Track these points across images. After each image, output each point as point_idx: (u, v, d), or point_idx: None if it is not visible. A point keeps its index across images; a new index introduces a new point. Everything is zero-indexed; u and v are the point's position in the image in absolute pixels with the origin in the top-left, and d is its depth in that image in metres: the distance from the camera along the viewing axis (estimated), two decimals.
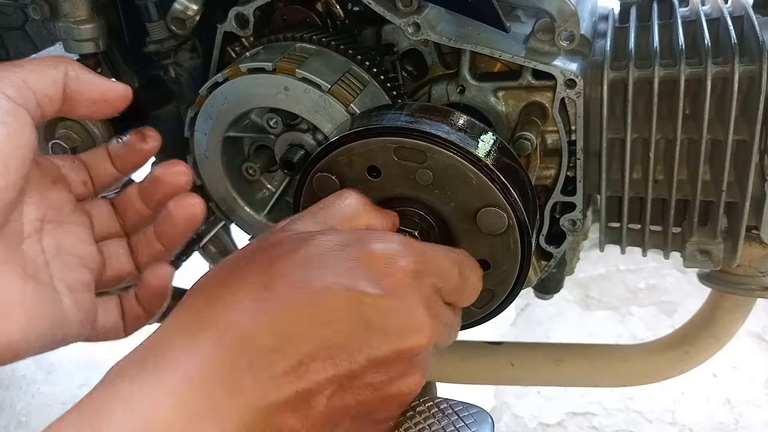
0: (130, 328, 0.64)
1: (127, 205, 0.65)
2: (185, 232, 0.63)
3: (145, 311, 0.63)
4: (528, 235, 0.62)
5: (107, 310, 0.63)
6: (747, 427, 1.63)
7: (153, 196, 0.63)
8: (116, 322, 0.63)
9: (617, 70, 0.73)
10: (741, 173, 0.74)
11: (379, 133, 0.62)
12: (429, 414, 0.54)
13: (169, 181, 0.62)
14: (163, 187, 0.63)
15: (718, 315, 0.93)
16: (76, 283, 0.59)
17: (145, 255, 0.64)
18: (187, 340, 0.47)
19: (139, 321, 0.64)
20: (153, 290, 0.62)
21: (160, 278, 0.62)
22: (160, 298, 0.63)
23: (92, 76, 0.59)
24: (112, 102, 0.60)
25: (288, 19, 0.80)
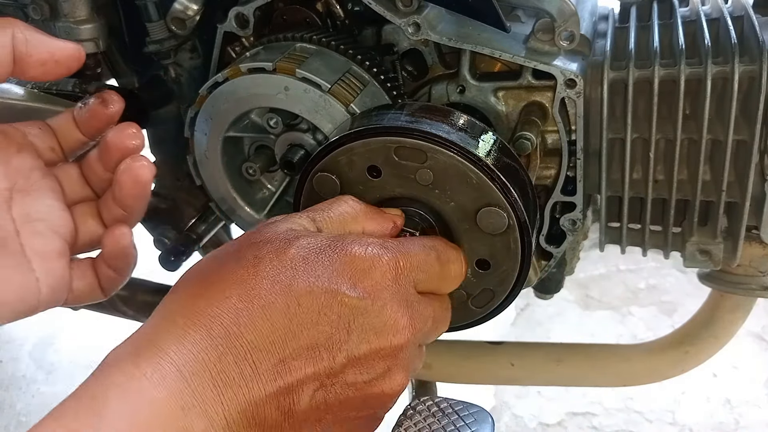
0: (108, 290, 0.64)
1: (90, 169, 0.65)
2: (138, 195, 0.62)
3: (115, 272, 0.63)
4: (528, 234, 0.62)
5: (82, 275, 0.63)
6: (747, 427, 1.63)
7: (109, 160, 0.63)
8: (92, 284, 0.63)
9: (617, 70, 0.73)
10: (741, 173, 0.74)
11: (380, 132, 0.62)
12: (429, 413, 0.55)
13: (118, 146, 0.62)
14: (115, 151, 0.62)
15: (718, 315, 0.93)
16: (48, 250, 0.60)
17: (108, 219, 0.64)
18: (177, 333, 0.48)
19: (114, 282, 0.64)
20: (112, 252, 0.62)
21: (115, 240, 0.62)
22: (123, 259, 0.62)
23: (42, 37, 0.58)
24: (63, 62, 0.59)
25: (288, 19, 0.80)
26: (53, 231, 0.61)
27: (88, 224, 0.64)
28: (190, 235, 0.95)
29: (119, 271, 0.63)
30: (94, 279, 0.63)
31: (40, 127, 0.64)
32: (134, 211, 0.63)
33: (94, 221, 0.64)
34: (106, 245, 0.62)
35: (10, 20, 0.58)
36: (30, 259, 0.58)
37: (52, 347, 1.92)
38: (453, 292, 0.68)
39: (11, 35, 0.57)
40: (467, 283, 0.66)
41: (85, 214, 0.64)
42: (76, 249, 0.63)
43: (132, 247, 0.62)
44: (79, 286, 0.62)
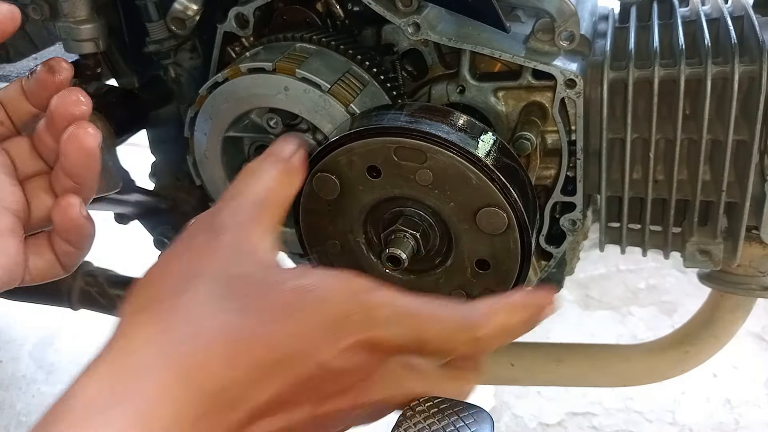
0: (68, 265, 0.61)
1: (39, 141, 0.61)
2: (85, 165, 0.58)
3: (72, 246, 0.60)
4: (528, 235, 0.62)
5: (37, 251, 0.60)
6: (747, 427, 1.63)
7: (56, 129, 0.59)
8: (50, 260, 0.60)
9: (617, 70, 0.73)
10: (741, 173, 0.74)
11: (379, 133, 0.62)
12: (429, 414, 0.54)
13: (62, 113, 0.58)
14: (60, 119, 0.58)
15: (718, 315, 0.93)
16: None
17: (60, 191, 0.60)
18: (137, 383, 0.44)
19: (73, 257, 0.61)
20: (63, 225, 0.59)
21: (62, 212, 0.58)
22: (75, 231, 0.59)
23: None
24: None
25: (288, 19, 0.80)
26: (4, 208, 0.58)
27: (40, 198, 0.61)
28: None
29: (75, 244, 0.60)
30: (52, 255, 0.60)
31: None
32: (85, 181, 0.59)
33: (46, 195, 0.61)
34: (56, 218, 0.59)
35: None
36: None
37: (52, 347, 1.91)
38: (453, 293, 0.68)
39: None
40: (467, 283, 0.66)
41: (37, 188, 0.61)
42: (30, 226, 0.60)
43: (83, 217, 0.58)
44: (36, 264, 0.60)
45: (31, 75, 0.60)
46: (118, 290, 1.09)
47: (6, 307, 1.87)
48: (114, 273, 1.12)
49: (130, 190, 0.99)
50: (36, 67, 0.60)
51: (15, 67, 1.12)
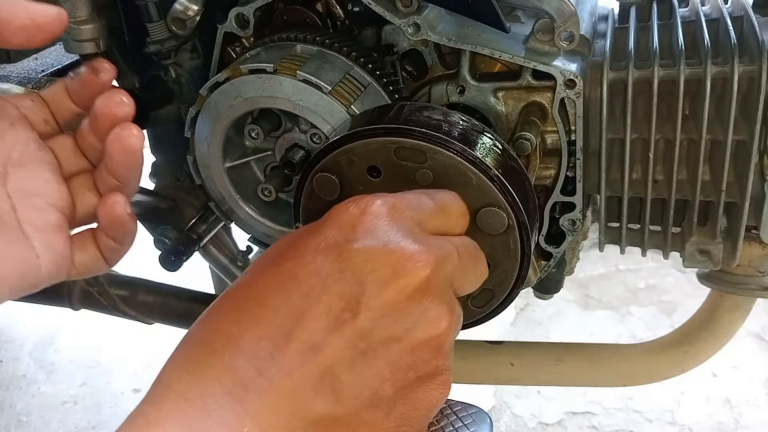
0: (111, 260, 0.63)
1: (83, 140, 0.63)
2: (129, 165, 0.60)
3: (115, 242, 0.62)
4: (528, 235, 0.62)
5: (83, 247, 0.62)
6: (747, 427, 1.63)
7: (99, 130, 0.61)
8: (94, 256, 0.62)
9: (617, 70, 0.73)
10: (740, 173, 0.74)
11: (379, 133, 0.62)
12: None
13: (106, 114, 0.60)
14: (104, 120, 0.60)
15: (717, 315, 0.93)
16: (46, 224, 0.58)
17: (104, 190, 0.62)
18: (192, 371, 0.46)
19: (116, 252, 0.63)
20: (108, 222, 0.60)
21: (108, 210, 0.60)
22: (119, 227, 0.61)
23: (20, 1, 0.55)
24: (44, 27, 0.56)
25: (288, 20, 0.80)
26: (50, 205, 0.60)
27: (85, 196, 0.62)
28: (190, 235, 0.95)
29: (119, 240, 0.62)
30: (96, 250, 0.62)
31: (32, 99, 0.62)
32: (128, 180, 0.61)
33: (90, 193, 0.63)
34: (101, 215, 0.60)
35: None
36: (28, 234, 0.57)
37: (53, 347, 1.92)
38: None
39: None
40: None
41: (81, 186, 0.63)
42: (74, 222, 0.62)
43: (127, 214, 0.60)
44: (81, 259, 0.61)
45: (75, 75, 0.62)
46: (119, 290, 1.10)
47: (6, 307, 1.88)
48: (114, 273, 1.12)
49: None
50: (80, 67, 0.62)
51: (15, 67, 1.12)
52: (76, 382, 1.80)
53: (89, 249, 0.62)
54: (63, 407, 1.73)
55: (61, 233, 0.59)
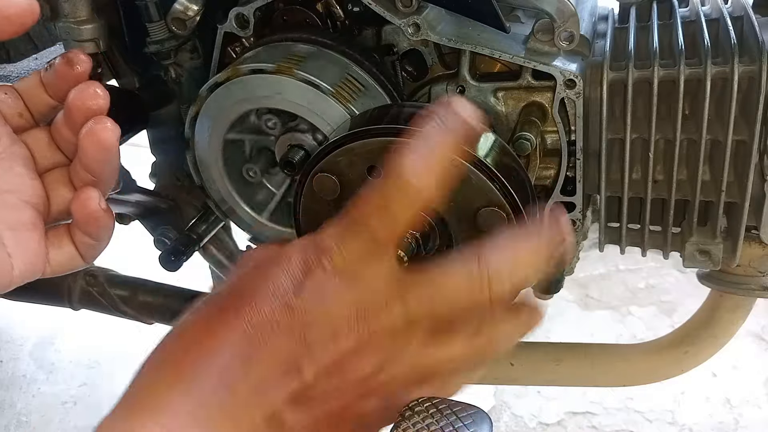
0: (88, 257, 0.61)
1: (58, 133, 0.61)
2: (103, 160, 0.58)
3: (92, 238, 0.60)
4: None
5: (58, 244, 0.60)
6: (747, 426, 1.63)
7: (74, 123, 0.58)
8: (70, 253, 0.60)
9: (617, 70, 0.73)
10: (740, 173, 0.74)
11: (379, 133, 0.62)
12: (427, 414, 0.54)
13: (80, 107, 0.57)
14: (77, 113, 0.58)
15: (717, 315, 0.93)
16: (19, 222, 0.57)
17: (78, 185, 0.60)
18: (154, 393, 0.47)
19: (93, 248, 0.61)
20: (82, 218, 0.59)
21: (81, 205, 0.58)
22: (94, 224, 0.59)
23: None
24: (12, 19, 0.54)
25: (288, 20, 0.80)
26: (24, 202, 0.58)
27: (59, 191, 0.61)
28: (190, 235, 0.95)
29: (95, 236, 0.60)
30: (71, 247, 0.60)
31: (6, 92, 0.60)
32: (103, 175, 0.59)
33: (65, 188, 0.61)
34: (75, 211, 0.59)
35: None
36: (0, 234, 0.55)
37: (53, 347, 1.92)
38: None
39: None
40: None
41: (56, 181, 0.61)
42: (49, 218, 0.60)
43: (102, 210, 0.58)
44: (56, 257, 0.60)
45: (49, 67, 0.60)
46: (119, 290, 1.10)
47: (6, 307, 1.88)
48: (114, 273, 1.12)
49: (130, 190, 0.99)
50: (55, 59, 0.60)
51: (15, 68, 1.13)
52: (76, 382, 1.80)
53: (65, 246, 0.60)
54: (63, 407, 1.73)
55: (34, 231, 0.58)
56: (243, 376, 0.47)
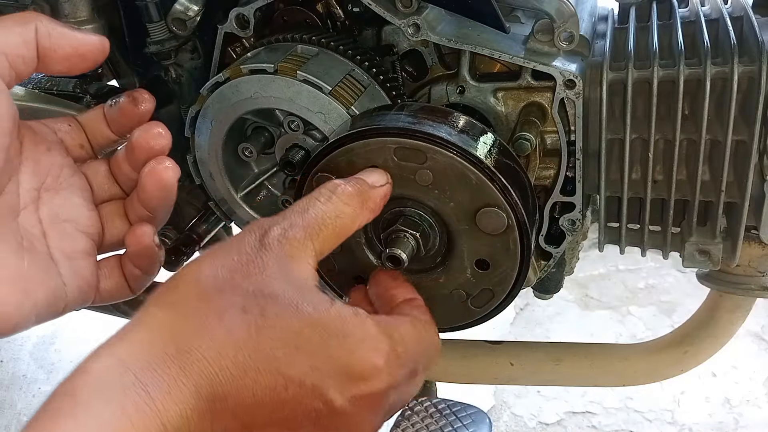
0: (135, 288, 0.64)
1: (117, 168, 0.64)
2: (161, 199, 0.61)
3: (141, 271, 0.63)
4: (527, 235, 0.62)
5: (109, 274, 0.62)
6: (747, 426, 1.63)
7: (135, 160, 0.62)
8: (119, 283, 0.63)
9: (616, 70, 0.73)
10: (740, 173, 0.74)
11: (380, 133, 0.62)
12: (427, 414, 0.55)
13: (143, 146, 0.61)
14: (140, 151, 0.61)
15: (717, 315, 0.93)
16: (75, 251, 0.59)
17: (134, 218, 0.63)
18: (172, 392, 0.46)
19: (141, 280, 0.64)
20: (136, 252, 0.61)
21: (137, 240, 0.61)
22: (147, 258, 0.62)
23: (65, 30, 0.57)
24: (88, 56, 0.58)
25: (288, 20, 0.80)
26: (80, 231, 0.61)
27: (114, 224, 0.64)
28: (190, 235, 0.95)
29: (145, 269, 0.63)
30: (121, 278, 0.63)
31: (70, 123, 0.63)
32: (159, 212, 0.63)
33: (120, 221, 0.64)
34: (129, 244, 0.62)
35: (32, 14, 0.56)
36: (57, 261, 0.58)
37: (53, 347, 1.92)
38: (453, 292, 0.68)
39: (34, 29, 0.55)
40: (467, 283, 0.66)
41: (112, 213, 0.64)
42: (102, 248, 0.63)
43: (155, 245, 0.62)
44: (107, 286, 0.62)
45: (114, 103, 0.63)
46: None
47: None
48: None
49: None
50: (119, 95, 0.63)
51: None
52: None
53: (115, 276, 0.63)
54: None
55: (88, 260, 0.60)
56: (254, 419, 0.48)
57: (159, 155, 0.61)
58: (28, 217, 0.58)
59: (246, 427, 0.48)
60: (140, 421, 0.44)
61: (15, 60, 0.54)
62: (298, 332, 0.48)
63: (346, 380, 0.49)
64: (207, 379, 0.46)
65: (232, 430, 0.48)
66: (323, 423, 0.49)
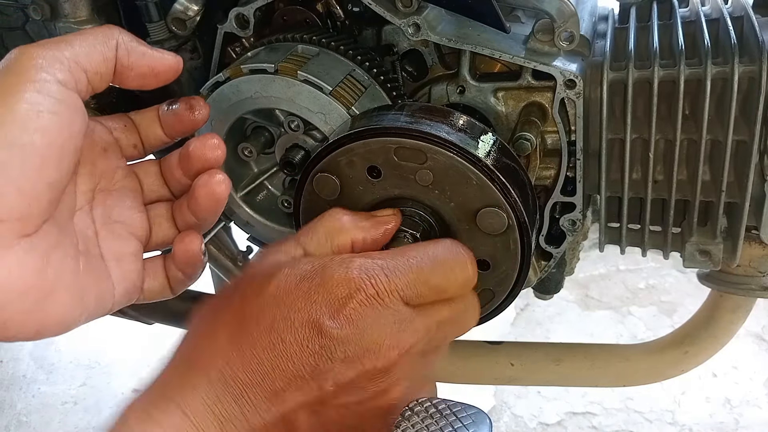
0: (176, 290, 0.65)
1: (169, 172, 0.65)
2: (211, 209, 0.63)
3: (184, 275, 0.64)
4: (528, 235, 0.62)
5: (153, 274, 0.64)
6: (747, 427, 1.63)
7: (189, 168, 0.63)
8: (162, 283, 0.64)
9: (617, 70, 0.73)
10: (741, 173, 0.74)
11: (380, 133, 0.62)
12: (427, 415, 0.54)
13: (199, 157, 0.62)
14: (196, 161, 0.63)
15: (718, 315, 0.93)
16: (124, 252, 0.61)
17: (181, 224, 0.65)
18: (181, 381, 0.51)
19: (183, 283, 0.65)
20: (182, 258, 0.63)
21: (185, 248, 0.63)
22: (192, 264, 0.64)
23: (143, 49, 0.58)
24: (161, 75, 0.60)
25: (288, 20, 0.80)
26: (131, 233, 0.62)
27: (162, 226, 0.65)
28: None
29: (189, 275, 0.64)
30: (165, 280, 0.64)
31: (125, 123, 0.64)
32: (206, 221, 0.64)
33: (168, 224, 0.65)
34: (177, 251, 0.63)
35: (113, 29, 0.57)
36: (108, 264, 0.59)
37: (53, 347, 1.92)
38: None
39: (115, 47, 0.56)
40: None
41: (160, 216, 0.65)
42: (148, 249, 0.64)
43: (200, 253, 0.63)
44: (151, 287, 0.64)
45: (170, 108, 0.64)
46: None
47: None
48: None
49: None
50: (176, 101, 0.64)
51: None
52: (77, 382, 1.80)
53: (159, 278, 0.64)
54: (63, 407, 1.73)
55: (136, 262, 0.62)
56: (261, 378, 0.51)
57: (213, 166, 0.62)
58: (83, 218, 0.59)
59: (273, 393, 0.50)
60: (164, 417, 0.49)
61: (94, 77, 0.55)
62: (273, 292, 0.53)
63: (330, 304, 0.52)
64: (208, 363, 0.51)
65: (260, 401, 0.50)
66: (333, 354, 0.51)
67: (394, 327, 0.53)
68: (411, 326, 0.54)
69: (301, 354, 0.51)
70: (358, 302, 0.52)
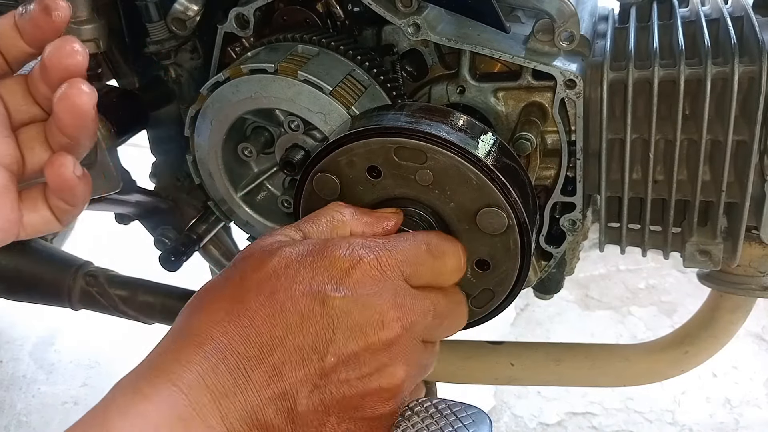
0: (64, 220, 0.58)
1: (34, 87, 0.56)
2: (78, 126, 0.54)
3: (67, 204, 0.57)
4: (528, 235, 0.62)
5: (33, 207, 0.57)
6: (747, 427, 1.63)
7: (50, 80, 0.54)
8: (45, 215, 0.57)
9: (617, 70, 0.73)
10: (741, 173, 0.74)
11: (380, 133, 0.62)
12: (427, 415, 0.54)
13: (56, 65, 0.53)
14: (53, 70, 0.53)
15: (718, 315, 0.93)
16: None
17: (55, 145, 0.57)
18: (175, 353, 0.49)
19: (68, 212, 0.58)
20: (56, 184, 0.55)
21: (55, 172, 0.54)
22: (69, 190, 0.55)
23: None
24: None
25: (288, 20, 0.80)
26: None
27: (35, 151, 0.57)
28: (190, 235, 0.95)
29: (69, 202, 0.57)
30: (47, 211, 0.57)
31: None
32: (79, 139, 0.55)
33: (41, 147, 0.57)
34: (49, 178, 0.55)
35: None
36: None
37: (53, 347, 1.91)
38: None
39: None
40: (467, 283, 0.66)
41: (32, 139, 0.57)
42: (24, 177, 0.57)
43: (76, 177, 0.55)
44: (31, 220, 0.57)
45: (24, 12, 0.55)
46: (119, 290, 1.10)
47: (6, 307, 1.88)
48: (114, 273, 1.12)
49: (130, 190, 0.99)
50: (31, 3, 0.55)
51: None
52: (77, 382, 1.80)
53: (40, 209, 0.57)
54: (63, 407, 1.73)
55: (8, 195, 0.55)
56: (259, 349, 0.49)
57: (74, 76, 0.53)
58: None
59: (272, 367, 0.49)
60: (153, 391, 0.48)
61: None
62: (274, 266, 0.52)
63: (332, 276, 0.52)
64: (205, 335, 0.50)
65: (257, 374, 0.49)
66: (336, 324, 0.51)
67: (397, 299, 0.53)
68: (412, 302, 0.54)
69: (302, 324, 0.50)
70: (361, 273, 0.52)
